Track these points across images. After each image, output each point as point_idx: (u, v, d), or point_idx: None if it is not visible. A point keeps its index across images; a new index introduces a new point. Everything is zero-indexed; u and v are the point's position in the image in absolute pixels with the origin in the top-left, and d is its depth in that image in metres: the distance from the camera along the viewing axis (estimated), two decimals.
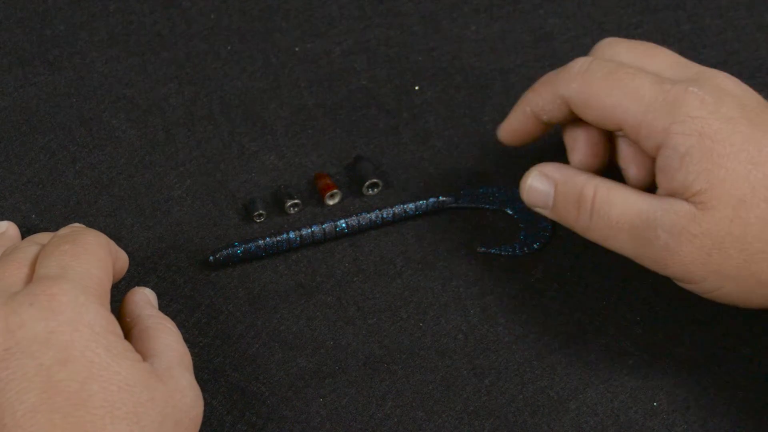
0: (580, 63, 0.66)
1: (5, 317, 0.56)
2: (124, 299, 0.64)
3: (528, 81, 0.77)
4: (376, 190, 0.74)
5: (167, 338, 0.61)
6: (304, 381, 0.67)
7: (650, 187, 0.67)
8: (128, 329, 0.62)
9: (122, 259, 0.65)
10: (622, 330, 0.69)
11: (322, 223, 0.71)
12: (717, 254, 0.62)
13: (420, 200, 0.73)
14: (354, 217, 0.72)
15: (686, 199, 0.63)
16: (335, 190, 0.73)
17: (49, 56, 0.77)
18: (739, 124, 0.62)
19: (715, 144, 0.62)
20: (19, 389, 0.55)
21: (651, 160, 0.66)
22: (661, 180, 0.64)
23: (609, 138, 0.69)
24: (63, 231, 0.63)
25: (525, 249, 0.72)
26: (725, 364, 0.68)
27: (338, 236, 0.72)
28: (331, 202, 0.73)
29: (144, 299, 0.65)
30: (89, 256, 0.60)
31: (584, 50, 0.80)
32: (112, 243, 0.63)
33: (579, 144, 0.68)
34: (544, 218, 0.73)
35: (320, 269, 0.71)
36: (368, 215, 0.72)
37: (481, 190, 0.74)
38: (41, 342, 0.56)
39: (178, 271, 0.70)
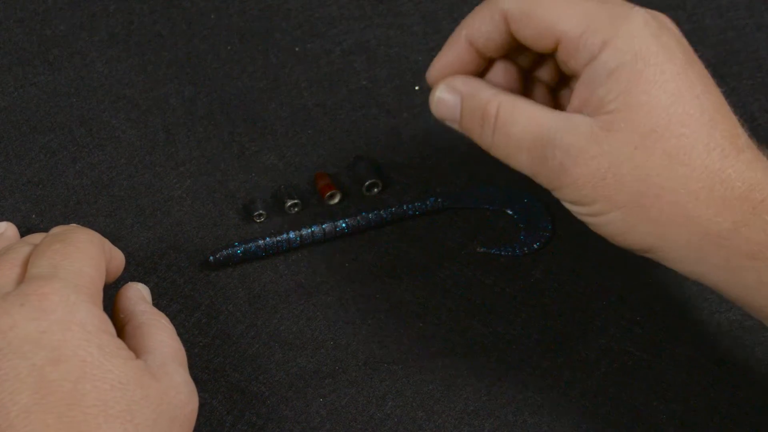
0: None
1: None
2: (117, 295, 0.64)
3: None
4: (376, 190, 0.74)
5: (161, 334, 0.61)
6: (304, 381, 0.67)
7: None
8: (122, 325, 0.62)
9: (117, 258, 0.64)
10: (622, 330, 0.69)
11: (322, 223, 0.71)
12: (612, 179, 0.60)
13: (420, 200, 0.73)
14: (354, 217, 0.72)
15: (594, 116, 0.61)
16: (335, 190, 0.73)
17: (49, 56, 0.77)
18: (675, 54, 0.61)
19: (647, 68, 0.60)
20: (12, 390, 0.54)
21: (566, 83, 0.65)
22: (578, 93, 0.61)
23: (523, 69, 0.67)
24: (55, 230, 0.63)
25: (525, 249, 0.72)
26: (725, 364, 0.68)
27: (338, 236, 0.72)
28: (331, 202, 0.73)
29: (137, 295, 0.64)
30: (81, 254, 0.60)
31: None
32: (106, 242, 0.63)
33: (497, 69, 0.66)
34: (544, 218, 0.73)
35: (320, 269, 0.71)
36: (368, 215, 0.72)
37: (481, 190, 0.74)
38: (33, 342, 0.55)
39: (178, 271, 0.70)
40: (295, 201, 0.72)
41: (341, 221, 0.71)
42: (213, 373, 0.67)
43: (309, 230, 0.71)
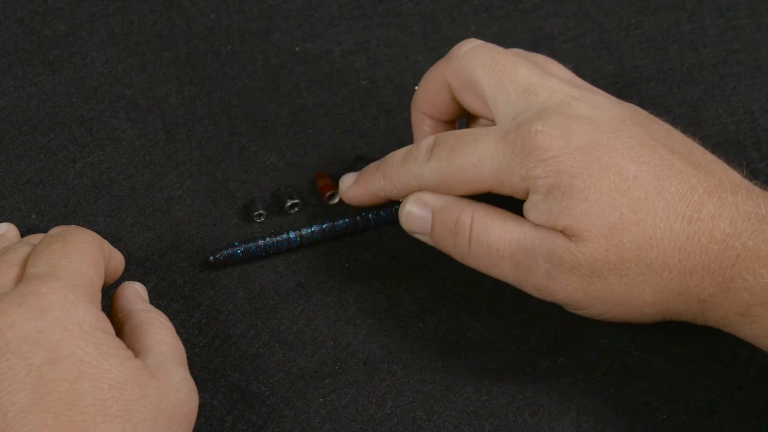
0: (423, 149, 0.66)
1: None
2: (114, 294, 0.64)
3: None
4: None
5: (159, 333, 0.61)
6: (304, 381, 0.67)
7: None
8: (120, 325, 0.62)
9: (117, 259, 0.65)
10: (622, 330, 0.69)
11: (322, 223, 0.71)
12: (598, 282, 0.62)
13: None
14: (354, 217, 0.72)
15: (559, 233, 0.62)
16: (335, 190, 0.73)
17: (49, 56, 0.77)
18: (593, 152, 0.61)
19: (574, 179, 0.61)
20: (10, 390, 0.54)
21: None
22: (531, 218, 0.63)
23: None
24: (54, 231, 0.63)
25: None
26: (725, 364, 0.68)
27: (338, 236, 0.72)
28: (331, 202, 0.73)
29: (135, 293, 0.64)
30: (79, 254, 0.60)
31: (584, 50, 0.80)
32: (105, 243, 0.63)
33: None
34: None
35: (320, 269, 0.71)
36: (368, 215, 0.72)
37: None
38: (31, 342, 0.55)
39: (178, 271, 0.70)
40: (295, 201, 0.72)
41: (341, 221, 0.71)
42: (213, 373, 0.67)
43: (309, 230, 0.71)
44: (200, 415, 0.64)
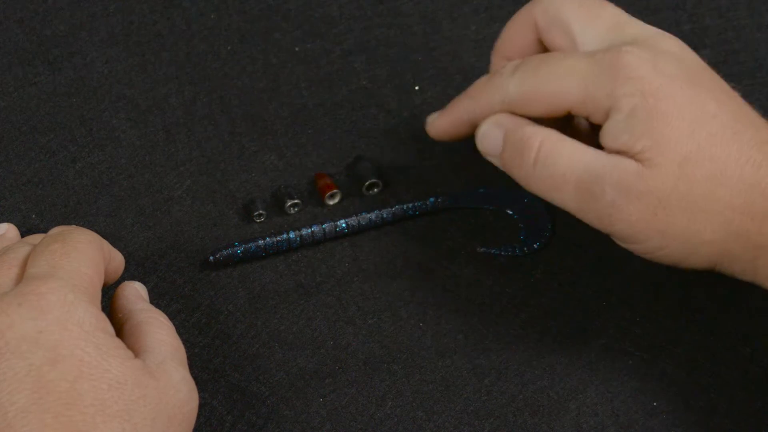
0: (509, 66, 0.66)
1: None
2: (114, 294, 0.64)
3: None
4: (376, 190, 0.74)
5: (159, 333, 0.61)
6: (304, 381, 0.67)
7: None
8: (120, 325, 0.62)
9: (117, 260, 0.64)
10: (622, 330, 0.69)
11: (322, 223, 0.71)
12: (662, 213, 0.62)
13: (420, 200, 0.73)
14: (354, 217, 0.72)
15: (632, 158, 0.62)
16: (335, 190, 0.73)
17: (49, 56, 0.77)
18: (680, 82, 0.62)
19: (659, 102, 0.62)
20: (10, 390, 0.54)
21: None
22: (607, 141, 0.63)
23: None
24: (54, 231, 0.63)
25: (525, 249, 0.72)
26: (725, 364, 0.68)
27: (338, 236, 0.72)
28: (331, 202, 0.73)
29: (134, 293, 0.64)
30: (79, 254, 0.60)
31: None
32: (105, 243, 0.63)
33: None
34: (544, 218, 0.73)
35: (320, 269, 0.71)
36: (368, 215, 0.72)
37: (481, 190, 0.74)
38: (31, 342, 0.55)
39: (178, 271, 0.70)
40: (295, 201, 0.72)
41: (341, 221, 0.71)
42: (213, 373, 0.67)
43: (309, 230, 0.71)
44: (200, 415, 0.64)
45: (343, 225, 0.71)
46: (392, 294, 0.70)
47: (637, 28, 0.65)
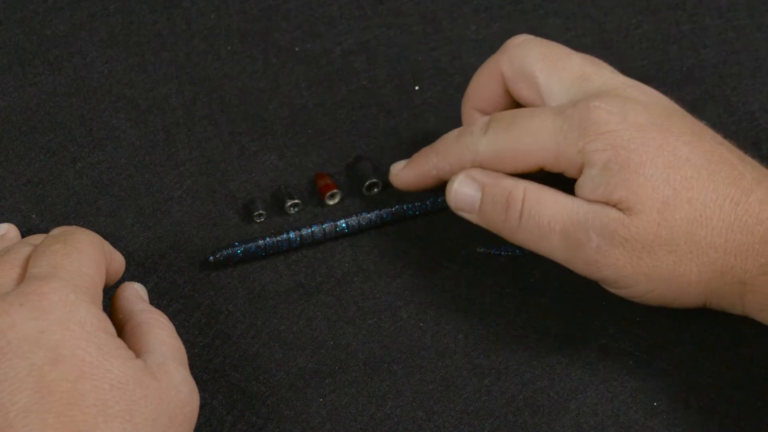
0: (479, 125, 0.67)
1: None
2: (114, 295, 0.64)
3: None
4: (376, 190, 0.74)
5: (160, 333, 0.61)
6: (304, 381, 0.67)
7: None
8: (121, 325, 0.62)
9: (117, 261, 0.65)
10: (622, 330, 0.69)
11: (322, 223, 0.71)
12: (647, 257, 0.63)
13: (420, 200, 0.73)
14: (354, 217, 0.72)
15: (613, 206, 0.63)
16: (335, 190, 0.73)
17: (49, 56, 0.77)
18: (650, 131, 0.63)
19: (631, 153, 0.63)
20: (11, 390, 0.54)
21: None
22: (584, 193, 0.64)
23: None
24: (56, 231, 0.63)
25: (525, 249, 0.72)
26: (725, 364, 0.68)
27: (338, 236, 0.72)
28: (331, 202, 0.73)
29: (134, 294, 0.64)
30: (81, 254, 0.60)
31: (584, 50, 0.80)
32: (106, 244, 0.63)
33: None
34: None
35: (320, 269, 0.71)
36: (368, 215, 0.72)
37: None
38: (32, 342, 0.55)
39: (178, 271, 0.70)
40: (295, 201, 0.72)
41: (341, 221, 0.71)
42: (213, 373, 0.67)
43: (309, 230, 0.71)
44: (200, 415, 0.64)
45: (343, 225, 0.71)
46: (392, 294, 0.70)
47: (602, 78, 0.66)
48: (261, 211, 0.72)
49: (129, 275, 0.69)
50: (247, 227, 0.72)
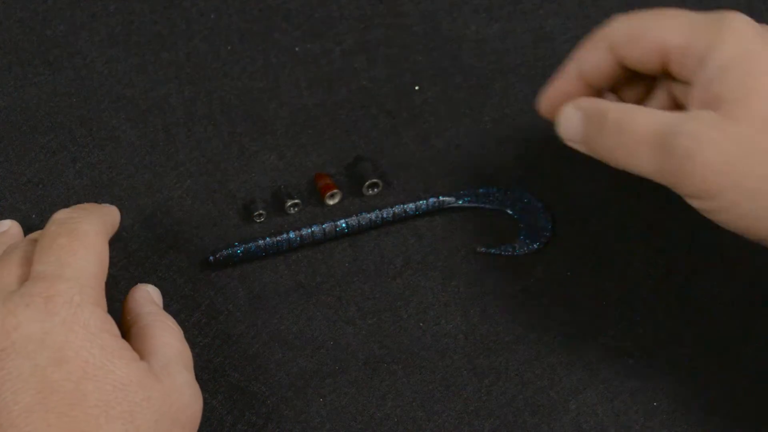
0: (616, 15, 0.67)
1: (2, 318, 0.56)
2: (126, 297, 0.64)
3: (528, 81, 0.78)
4: (376, 190, 0.74)
5: (166, 336, 0.61)
6: (304, 381, 0.67)
7: None
8: (128, 327, 0.62)
9: (113, 214, 0.66)
10: (622, 330, 0.69)
11: (322, 223, 0.71)
12: (739, 163, 0.60)
13: (420, 200, 0.73)
14: (354, 217, 0.72)
15: (714, 110, 0.61)
16: (335, 190, 0.73)
17: (49, 56, 0.77)
18: None
19: (757, 61, 0.61)
20: (15, 389, 0.55)
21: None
22: (695, 96, 0.63)
23: (640, 98, 0.69)
24: (60, 217, 0.62)
25: (525, 249, 0.72)
26: (725, 364, 0.68)
27: (338, 236, 0.72)
28: (331, 202, 0.73)
29: (145, 297, 0.65)
30: (86, 251, 0.60)
31: None
32: (110, 217, 0.63)
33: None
34: (544, 218, 0.73)
35: (320, 269, 0.71)
36: (368, 215, 0.72)
37: (481, 190, 0.74)
38: (36, 342, 0.56)
39: (178, 271, 0.70)
40: (295, 201, 0.72)
41: (341, 221, 0.71)
42: (213, 373, 0.67)
43: (309, 230, 0.71)
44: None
45: (343, 225, 0.71)
46: (392, 294, 0.70)
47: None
48: (261, 211, 0.72)
49: (129, 275, 0.69)
50: (247, 227, 0.72)
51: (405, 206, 0.72)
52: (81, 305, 0.57)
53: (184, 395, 0.58)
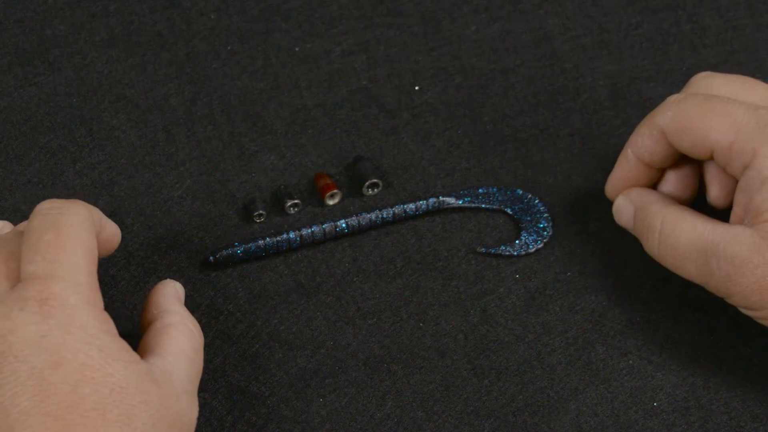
0: (675, 95, 0.68)
1: None
2: (154, 289, 0.64)
3: (528, 81, 0.78)
4: (376, 190, 0.74)
5: (183, 342, 0.61)
6: (304, 381, 0.67)
7: (729, 207, 0.67)
8: (150, 320, 0.62)
9: (110, 231, 0.63)
10: (622, 330, 0.69)
11: (322, 223, 0.71)
12: None
13: (420, 200, 0.73)
14: (354, 217, 0.72)
15: (754, 226, 0.63)
16: (335, 190, 0.73)
17: (49, 56, 0.77)
18: None
19: None
20: (12, 393, 0.54)
21: (734, 182, 0.67)
22: (738, 199, 0.65)
23: (698, 171, 0.70)
24: (43, 208, 0.60)
25: (525, 249, 0.72)
26: (725, 364, 0.68)
27: (338, 236, 0.72)
28: (331, 202, 0.73)
29: (174, 294, 0.64)
30: (74, 244, 0.58)
31: (584, 50, 0.80)
32: (95, 211, 0.61)
33: (669, 176, 0.70)
34: (544, 218, 0.73)
35: (320, 269, 0.71)
36: (368, 215, 0.72)
37: (481, 190, 0.74)
38: (33, 346, 0.55)
39: (178, 271, 0.70)
40: (295, 201, 0.72)
41: (341, 221, 0.71)
42: (213, 373, 0.67)
43: (309, 230, 0.71)
44: (200, 415, 0.64)
45: (343, 225, 0.71)
46: (392, 294, 0.70)
47: None
48: (261, 211, 0.72)
49: (129, 275, 0.69)
50: (247, 227, 0.72)
51: (405, 206, 0.72)
52: (77, 306, 0.57)
53: (182, 401, 0.58)
